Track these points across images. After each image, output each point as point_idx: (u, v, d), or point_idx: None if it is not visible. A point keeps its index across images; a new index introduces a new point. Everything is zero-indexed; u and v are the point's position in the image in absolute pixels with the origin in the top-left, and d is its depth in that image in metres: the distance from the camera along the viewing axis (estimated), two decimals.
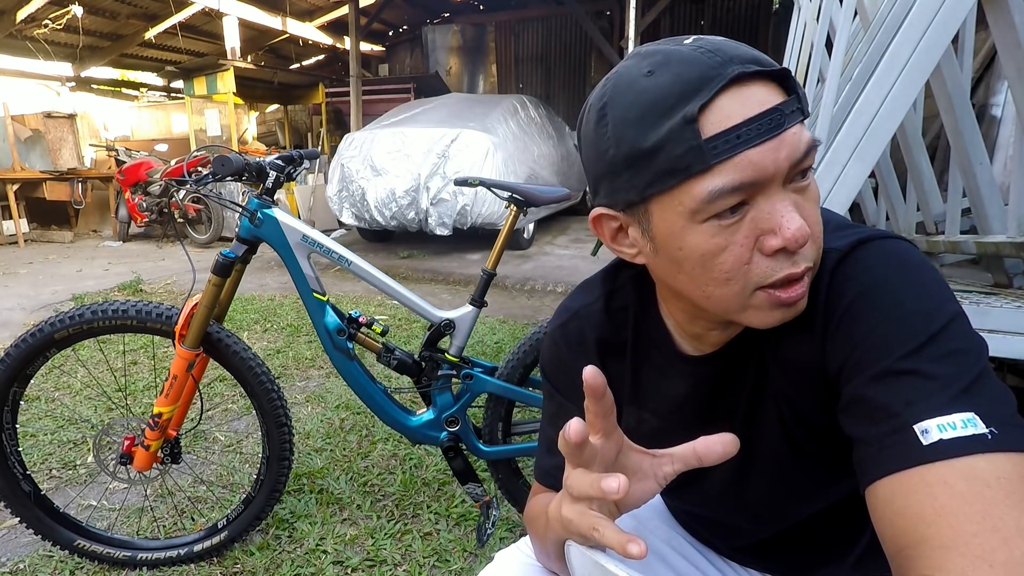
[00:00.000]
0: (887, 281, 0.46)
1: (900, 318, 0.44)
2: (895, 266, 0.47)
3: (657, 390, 0.63)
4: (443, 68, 10.71)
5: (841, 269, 0.48)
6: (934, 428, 0.39)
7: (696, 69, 0.43)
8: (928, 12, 1.12)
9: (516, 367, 1.51)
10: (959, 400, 0.40)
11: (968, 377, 0.41)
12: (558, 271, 4.76)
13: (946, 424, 0.39)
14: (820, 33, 1.73)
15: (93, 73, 8.80)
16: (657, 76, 0.44)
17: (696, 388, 0.60)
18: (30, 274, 4.96)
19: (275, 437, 1.40)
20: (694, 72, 0.43)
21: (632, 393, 0.65)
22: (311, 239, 1.36)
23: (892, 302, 0.45)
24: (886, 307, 0.45)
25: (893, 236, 0.50)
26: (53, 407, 2.32)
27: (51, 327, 1.27)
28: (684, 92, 0.43)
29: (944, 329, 0.43)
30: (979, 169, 1.51)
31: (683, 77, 0.43)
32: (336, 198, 5.34)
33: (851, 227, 0.52)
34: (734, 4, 9.15)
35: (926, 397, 0.41)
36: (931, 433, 0.39)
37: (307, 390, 2.51)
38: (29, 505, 1.38)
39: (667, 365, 0.61)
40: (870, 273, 0.47)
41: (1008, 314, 1.15)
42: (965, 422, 0.39)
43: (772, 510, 0.62)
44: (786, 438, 0.55)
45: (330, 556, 1.47)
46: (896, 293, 0.46)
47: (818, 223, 0.47)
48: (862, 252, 0.48)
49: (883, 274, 0.47)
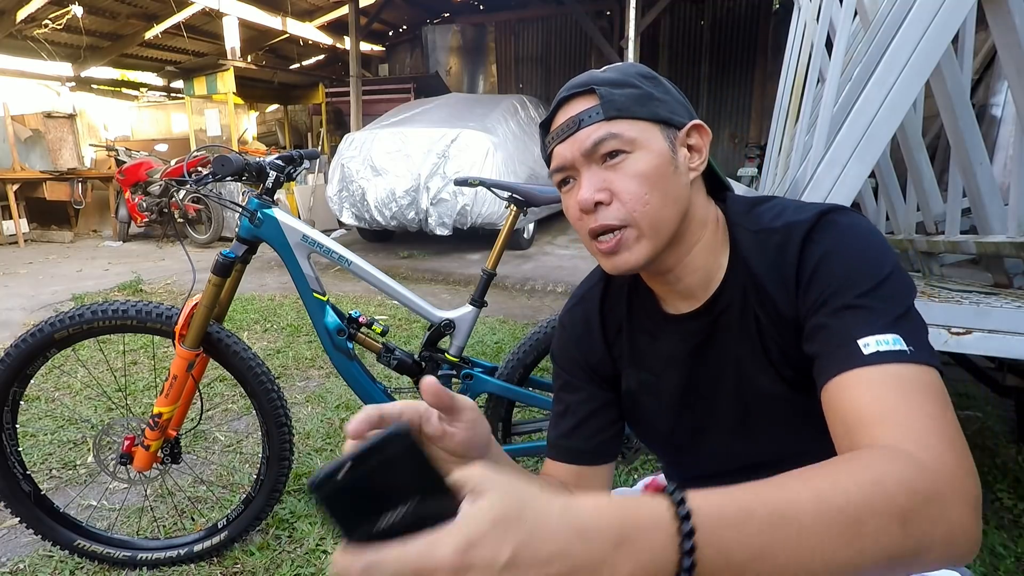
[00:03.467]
0: (844, 242, 0.59)
1: (855, 269, 0.58)
2: (850, 231, 0.60)
3: (651, 351, 0.72)
4: (443, 68, 10.71)
5: (809, 236, 0.61)
6: (872, 343, 0.53)
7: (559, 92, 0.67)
8: (928, 12, 1.12)
9: (516, 367, 1.51)
10: (891, 326, 0.54)
11: (899, 311, 0.55)
12: (558, 271, 4.76)
13: (881, 340, 0.53)
14: (820, 33, 1.73)
15: (93, 73, 8.80)
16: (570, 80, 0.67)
17: (686, 343, 0.69)
18: (30, 274, 4.96)
19: (275, 437, 1.40)
20: (553, 102, 0.67)
21: (631, 358, 0.74)
22: (311, 239, 1.36)
23: (849, 258, 0.58)
24: (845, 262, 0.58)
25: (846, 208, 0.63)
26: (53, 407, 2.32)
27: (51, 327, 1.27)
28: (549, 111, 0.67)
29: (887, 278, 0.57)
30: (979, 169, 1.51)
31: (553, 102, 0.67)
32: (336, 198, 5.34)
33: (811, 205, 0.64)
34: (734, 4, 9.14)
35: (869, 323, 0.54)
36: (870, 346, 0.53)
37: (307, 390, 2.51)
38: (29, 505, 1.38)
39: (657, 327, 0.72)
40: (831, 238, 0.60)
41: (1008, 314, 1.15)
42: (894, 340, 0.53)
43: (774, 450, 0.68)
44: (779, 376, 0.65)
45: (330, 556, 1.47)
46: (852, 251, 0.59)
47: (628, 191, 0.61)
48: (824, 222, 0.61)
49: (840, 237, 0.60)
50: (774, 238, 0.63)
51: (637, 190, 0.61)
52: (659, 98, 0.63)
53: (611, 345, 0.75)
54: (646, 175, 0.61)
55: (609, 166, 0.62)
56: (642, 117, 0.62)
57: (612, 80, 0.62)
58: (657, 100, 0.63)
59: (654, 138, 0.62)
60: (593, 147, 0.61)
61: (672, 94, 0.65)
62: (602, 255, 0.65)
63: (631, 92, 0.62)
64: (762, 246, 0.64)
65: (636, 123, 0.61)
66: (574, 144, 0.62)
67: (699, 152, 0.65)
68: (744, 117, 9.35)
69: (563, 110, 0.64)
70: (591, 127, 0.61)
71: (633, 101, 0.62)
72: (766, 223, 0.65)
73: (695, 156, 0.65)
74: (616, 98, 0.61)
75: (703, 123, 0.65)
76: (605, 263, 0.66)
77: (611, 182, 0.62)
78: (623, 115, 0.61)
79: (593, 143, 0.61)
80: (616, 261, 0.64)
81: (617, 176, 0.62)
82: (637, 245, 0.63)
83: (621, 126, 0.61)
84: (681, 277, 0.67)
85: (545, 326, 1.56)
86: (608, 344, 0.75)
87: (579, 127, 0.62)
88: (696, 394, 0.70)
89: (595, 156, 0.62)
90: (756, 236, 0.65)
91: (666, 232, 0.63)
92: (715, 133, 9.48)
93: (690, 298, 0.68)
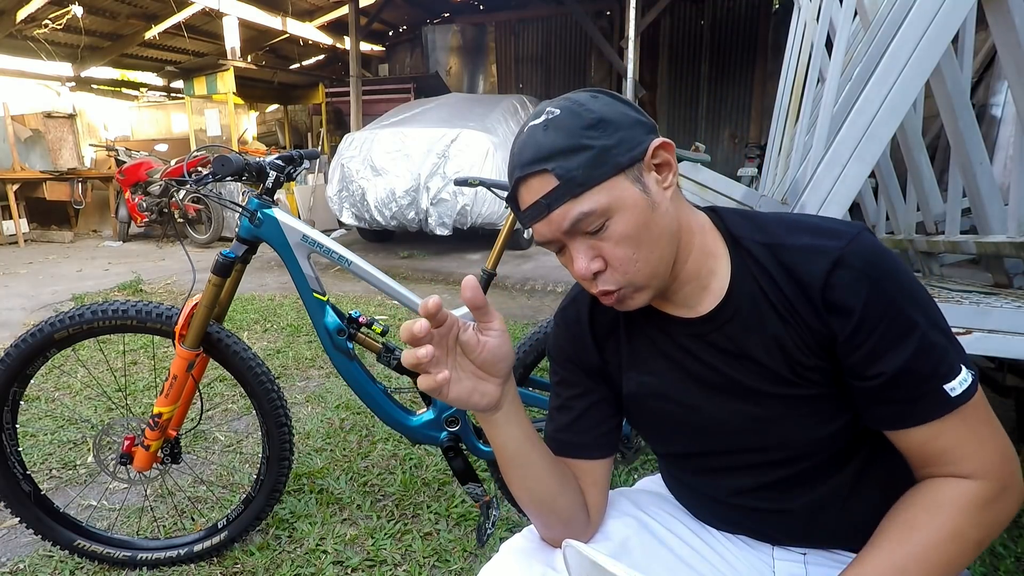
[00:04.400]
0: (882, 269, 0.60)
1: (909, 302, 0.60)
2: (883, 256, 0.61)
3: (655, 356, 0.72)
4: (443, 68, 10.71)
5: (840, 264, 0.60)
6: (957, 385, 0.59)
7: (509, 167, 0.65)
8: (928, 12, 1.12)
9: (516, 367, 1.51)
10: (960, 359, 0.60)
11: (951, 334, 0.60)
12: (558, 271, 4.76)
13: (962, 381, 0.59)
14: (820, 33, 1.73)
15: (93, 73, 8.80)
16: (518, 146, 0.64)
17: (690, 346, 0.70)
18: (30, 274, 4.96)
19: (275, 437, 1.40)
20: (508, 169, 0.65)
21: (630, 361, 0.74)
22: (311, 239, 1.36)
23: (894, 287, 0.60)
24: (891, 291, 0.60)
25: (865, 231, 0.63)
26: (53, 407, 2.32)
27: (51, 327, 1.27)
28: (508, 180, 0.66)
29: (929, 301, 0.61)
30: (979, 169, 1.51)
31: (508, 170, 0.66)
32: (336, 198, 5.33)
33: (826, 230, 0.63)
34: (734, 4, 9.13)
35: (948, 363, 0.59)
36: (956, 390, 0.58)
37: (307, 390, 2.51)
38: (29, 505, 1.38)
39: (660, 333, 0.72)
40: (867, 262, 0.60)
41: (1008, 314, 1.15)
42: (970, 376, 0.59)
43: (783, 447, 0.69)
44: (791, 376, 0.65)
45: (330, 556, 1.47)
46: (892, 278, 0.60)
47: (618, 258, 0.62)
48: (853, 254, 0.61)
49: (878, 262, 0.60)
50: (796, 255, 0.63)
51: (625, 254, 0.62)
52: (613, 146, 0.60)
53: (601, 348, 0.76)
54: (630, 236, 0.61)
55: (594, 237, 0.62)
56: (605, 178, 0.60)
57: (561, 149, 0.59)
58: (612, 149, 0.60)
59: (624, 191, 0.61)
60: (571, 227, 0.61)
61: (624, 123, 0.61)
62: (607, 304, 0.67)
63: (585, 158, 0.59)
64: (778, 260, 0.64)
65: (601, 188, 0.60)
66: (551, 225, 0.62)
67: (668, 167, 0.64)
68: (744, 117, 9.34)
69: (523, 189, 0.63)
70: (560, 209, 0.60)
71: (591, 167, 0.59)
72: (783, 238, 0.65)
73: (665, 173, 0.64)
74: (574, 174, 0.59)
75: (664, 139, 0.63)
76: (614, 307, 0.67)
77: (601, 249, 0.63)
78: (586, 187, 0.59)
79: (570, 224, 0.61)
80: (622, 307, 0.67)
81: (604, 244, 0.62)
82: (638, 295, 0.65)
83: (590, 200, 0.60)
84: (676, 290, 0.68)
85: (545, 326, 1.56)
86: (599, 347, 0.76)
87: (549, 211, 0.61)
88: (703, 396, 0.70)
89: (576, 231, 0.62)
90: (770, 250, 0.65)
91: (663, 273, 0.65)
92: (715, 133, 9.51)
93: (687, 306, 0.69)
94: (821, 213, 1.23)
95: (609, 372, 0.76)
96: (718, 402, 0.69)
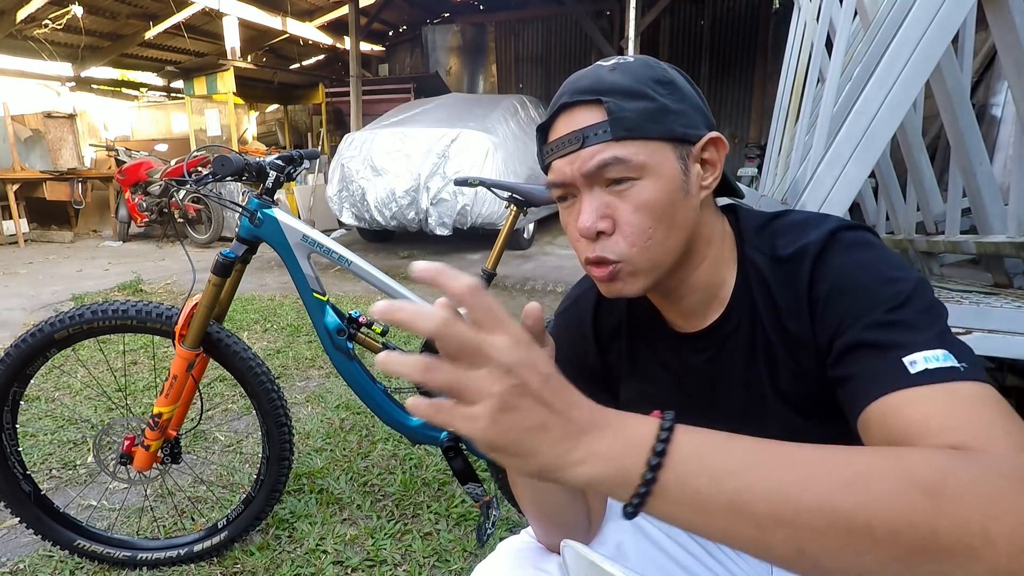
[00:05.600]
0: (861, 259, 0.55)
1: (878, 285, 0.53)
2: (864, 245, 0.56)
3: (655, 365, 0.70)
4: (443, 68, 10.71)
5: (821, 256, 0.56)
6: (920, 360, 0.47)
7: (555, 95, 0.60)
8: (928, 12, 1.12)
9: None
10: (938, 341, 0.48)
11: (941, 327, 0.50)
12: (558, 271, 4.76)
13: (930, 357, 0.47)
14: (820, 33, 1.73)
15: (93, 73, 8.79)
16: (575, 76, 0.60)
17: (689, 360, 0.67)
18: (30, 274, 4.96)
19: (275, 437, 1.40)
20: (554, 98, 0.60)
21: (630, 368, 0.72)
22: (311, 239, 1.36)
23: (870, 274, 0.54)
24: (864, 279, 0.54)
25: (858, 224, 0.59)
26: (53, 407, 2.32)
27: (51, 327, 1.27)
28: (548, 110, 0.61)
29: (915, 291, 0.52)
30: (979, 169, 1.51)
31: (553, 99, 0.60)
32: (336, 198, 5.33)
33: (824, 223, 0.59)
34: (734, 4, 9.14)
35: (911, 338, 0.49)
36: (918, 364, 0.47)
37: (307, 390, 2.51)
38: (29, 505, 1.38)
39: (662, 342, 0.69)
40: (843, 256, 0.56)
41: (1008, 314, 1.15)
42: (944, 356, 0.47)
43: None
44: (788, 406, 0.61)
45: (330, 556, 1.47)
46: (871, 267, 0.54)
47: (631, 224, 0.56)
48: (835, 239, 0.57)
49: (855, 255, 0.56)
50: (789, 265, 0.59)
51: (641, 223, 0.57)
52: (674, 110, 0.56)
53: (605, 351, 0.73)
54: (652, 206, 0.56)
55: (613, 191, 0.57)
56: (654, 136, 0.56)
57: (623, 89, 0.55)
58: (672, 114, 0.56)
59: (665, 160, 0.56)
60: (597, 170, 0.56)
61: (690, 100, 0.59)
62: (598, 281, 0.61)
63: (643, 107, 0.55)
64: (777, 273, 0.60)
65: (647, 144, 0.55)
66: (575, 162, 0.57)
67: (713, 167, 0.60)
68: (744, 117, 9.35)
69: (564, 118, 0.58)
70: (596, 147, 0.55)
71: (646, 118, 0.55)
72: (780, 249, 0.60)
73: (708, 172, 0.60)
74: (626, 115, 0.55)
75: (721, 136, 0.60)
76: (599, 286, 0.62)
77: (614, 209, 0.57)
78: (633, 135, 0.55)
79: (597, 165, 0.55)
80: (610, 288, 0.61)
81: (621, 204, 0.57)
82: (633, 279, 0.60)
83: (630, 148, 0.55)
84: (683, 296, 0.64)
85: (545, 326, 1.56)
86: (602, 350, 0.73)
87: (582, 144, 0.56)
88: (695, 412, 0.67)
89: (598, 179, 0.57)
90: (771, 262, 0.61)
91: (666, 265, 0.60)
92: None
93: (692, 316, 0.65)
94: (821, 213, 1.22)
95: (609, 377, 0.74)
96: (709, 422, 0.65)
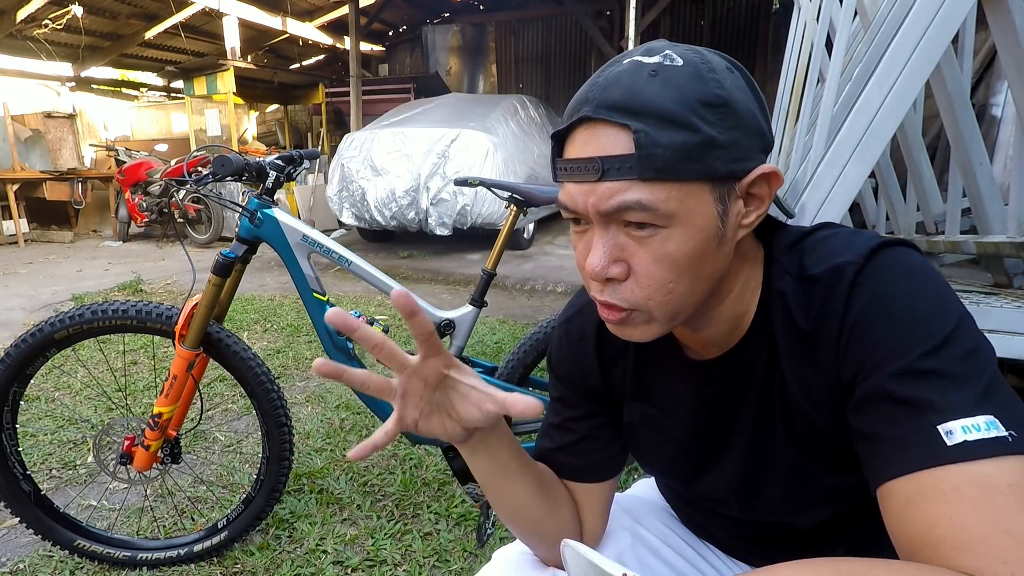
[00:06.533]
0: (897, 286, 0.47)
1: (915, 320, 0.45)
2: (903, 271, 0.48)
3: (661, 389, 0.65)
4: (443, 68, 10.71)
5: (857, 280, 0.48)
6: (958, 430, 0.40)
7: (579, 96, 0.48)
8: (928, 12, 1.12)
9: (516, 367, 1.51)
10: (981, 402, 0.40)
11: (986, 378, 0.42)
12: (558, 271, 4.76)
13: (970, 426, 0.39)
14: (820, 33, 1.73)
15: (93, 73, 8.79)
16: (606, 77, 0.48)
17: (701, 391, 0.61)
18: (30, 274, 4.96)
19: (275, 437, 1.40)
20: (576, 98, 0.49)
21: (635, 389, 0.66)
22: (311, 239, 1.36)
23: (905, 306, 0.46)
24: (899, 310, 0.46)
25: (895, 241, 0.50)
26: (53, 407, 2.32)
27: (51, 327, 1.27)
28: (568, 114, 0.50)
29: (957, 328, 0.44)
30: (979, 169, 1.51)
31: (575, 100, 0.49)
32: (336, 198, 5.33)
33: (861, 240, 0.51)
34: (734, 4, 9.14)
35: (948, 397, 0.41)
36: (955, 434, 0.40)
37: (307, 390, 2.51)
38: (29, 505, 1.38)
39: (671, 366, 0.63)
40: (879, 280, 0.47)
41: (1008, 314, 1.15)
42: (988, 425, 0.39)
43: (783, 512, 0.63)
44: (798, 446, 0.56)
45: (330, 556, 1.47)
46: (907, 297, 0.46)
47: (649, 275, 0.48)
48: (874, 261, 0.49)
49: (892, 280, 0.47)
50: (819, 285, 0.50)
51: (661, 276, 0.48)
52: (722, 143, 0.45)
53: (607, 371, 0.67)
54: (677, 260, 0.47)
55: (632, 235, 0.48)
56: (690, 179, 0.45)
57: (661, 112, 0.44)
58: (719, 148, 0.45)
59: (700, 206, 0.46)
60: (614, 211, 0.46)
61: (746, 123, 0.46)
62: (604, 320, 0.54)
63: (682, 141, 0.44)
64: (804, 295, 0.51)
65: (680, 187, 0.45)
66: (591, 196, 0.47)
67: (760, 203, 0.50)
68: None
69: (584, 133, 0.47)
70: (617, 184, 0.45)
71: (683, 156, 0.44)
72: (811, 268, 0.52)
73: (753, 208, 0.50)
74: (659, 152, 0.44)
75: (776, 170, 0.48)
76: (608, 326, 0.55)
77: (631, 255, 0.48)
78: (663, 177, 0.45)
79: (616, 208, 0.46)
80: (621, 332, 0.54)
81: (640, 251, 0.48)
82: (647, 327, 0.52)
83: (658, 193, 0.45)
84: (702, 328, 0.57)
85: (545, 326, 1.56)
86: (604, 370, 0.67)
87: (601, 177, 0.46)
88: (701, 441, 0.63)
89: (615, 219, 0.47)
90: (798, 283, 0.52)
91: (687, 313, 0.52)
92: None
93: (711, 346, 0.59)
94: (821, 213, 1.23)
95: (612, 397, 0.69)
96: (715, 453, 0.63)
